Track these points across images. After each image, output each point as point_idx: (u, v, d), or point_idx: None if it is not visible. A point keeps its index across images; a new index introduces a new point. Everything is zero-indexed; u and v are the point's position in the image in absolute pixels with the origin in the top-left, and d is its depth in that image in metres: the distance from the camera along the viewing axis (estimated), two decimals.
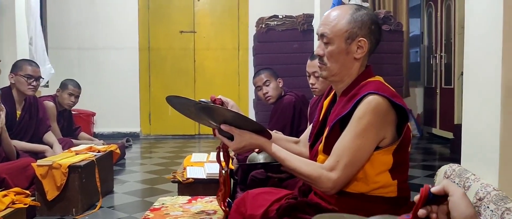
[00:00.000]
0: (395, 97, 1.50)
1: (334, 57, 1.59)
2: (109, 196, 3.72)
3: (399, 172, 1.57)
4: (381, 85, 1.55)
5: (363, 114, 1.48)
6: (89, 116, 6.74)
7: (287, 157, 1.61)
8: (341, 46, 1.58)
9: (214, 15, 7.29)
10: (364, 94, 1.50)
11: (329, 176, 1.51)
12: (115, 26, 7.11)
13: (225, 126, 1.59)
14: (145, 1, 7.19)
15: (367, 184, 1.54)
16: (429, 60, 7.15)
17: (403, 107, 1.50)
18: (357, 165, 1.51)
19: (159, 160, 5.37)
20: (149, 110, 7.30)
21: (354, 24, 1.57)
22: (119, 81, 7.13)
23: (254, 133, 1.62)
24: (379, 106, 1.48)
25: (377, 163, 1.53)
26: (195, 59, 7.30)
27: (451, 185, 0.93)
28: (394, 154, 1.54)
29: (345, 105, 1.56)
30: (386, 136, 1.52)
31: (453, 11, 6.26)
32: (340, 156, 1.50)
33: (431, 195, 0.93)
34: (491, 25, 1.60)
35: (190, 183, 2.74)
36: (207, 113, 1.60)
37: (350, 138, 1.50)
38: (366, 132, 1.48)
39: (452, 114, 6.28)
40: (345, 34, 1.57)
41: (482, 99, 1.69)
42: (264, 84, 3.35)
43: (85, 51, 7.13)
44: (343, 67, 1.61)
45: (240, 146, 1.61)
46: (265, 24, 6.09)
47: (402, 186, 1.58)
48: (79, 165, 3.18)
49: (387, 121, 1.50)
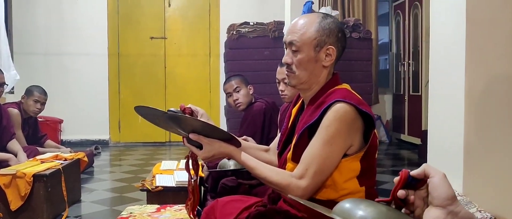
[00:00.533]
0: (361, 105, 1.52)
1: (303, 65, 1.60)
2: (76, 205, 3.64)
3: (366, 178, 1.59)
4: (348, 92, 1.57)
5: (330, 122, 1.49)
6: (56, 123, 6.59)
7: (256, 165, 1.61)
8: (310, 54, 1.59)
9: (185, 21, 7.25)
10: (332, 102, 1.51)
11: (299, 184, 1.51)
12: (83, 31, 6.98)
13: (194, 135, 1.58)
14: (115, 6, 7.10)
15: (336, 191, 1.55)
16: (397, 68, 7.29)
17: (369, 115, 1.52)
18: (326, 173, 1.52)
19: (128, 168, 5.28)
20: (118, 117, 7.19)
21: (322, 32, 1.59)
22: (87, 88, 7.00)
23: (223, 142, 1.61)
24: (346, 114, 1.49)
25: (345, 170, 1.54)
26: (166, 65, 7.23)
27: (430, 167, 0.92)
28: (361, 161, 1.55)
29: (313, 113, 1.57)
30: (353, 143, 1.53)
31: (420, 19, 6.40)
32: (309, 164, 1.51)
33: (410, 178, 0.92)
34: (455, 35, 1.64)
35: (159, 191, 2.70)
36: (175, 123, 1.59)
37: (318, 146, 1.50)
38: (334, 140, 1.49)
39: (419, 121, 6.40)
40: (314, 42, 1.58)
41: (446, 107, 1.73)
42: (234, 90, 3.34)
43: (52, 56, 6.97)
44: (312, 75, 1.61)
45: (209, 155, 1.60)
46: (236, 31, 6.08)
47: (370, 192, 1.60)
48: (44, 174, 3.10)
49: (354, 128, 1.52)
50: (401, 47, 7.10)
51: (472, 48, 1.57)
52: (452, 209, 0.87)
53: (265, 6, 7.01)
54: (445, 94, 1.74)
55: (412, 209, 0.93)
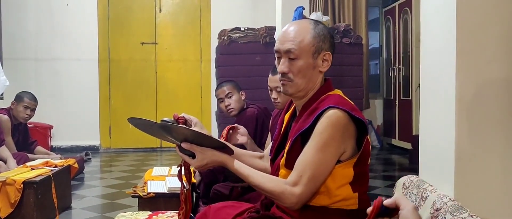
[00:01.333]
0: (354, 111, 1.52)
1: (302, 73, 1.60)
2: (66, 212, 3.61)
3: (359, 184, 1.59)
4: (340, 98, 1.57)
5: (324, 129, 1.50)
6: (46, 129, 6.53)
7: (250, 173, 1.60)
8: (309, 61, 1.59)
9: (176, 27, 7.24)
10: (324, 108, 1.52)
11: (293, 191, 1.51)
12: (74, 36, 6.95)
13: (186, 144, 1.57)
14: (105, 11, 7.07)
15: (329, 197, 1.55)
16: (388, 73, 7.33)
17: (362, 121, 1.52)
18: (320, 179, 1.52)
19: (119, 174, 5.25)
20: (109, 122, 7.14)
21: (318, 38, 1.60)
22: (78, 93, 6.95)
23: (216, 150, 1.61)
24: (339, 120, 1.50)
25: (338, 176, 1.55)
26: (157, 71, 7.21)
27: (403, 199, 0.96)
28: (354, 167, 1.56)
29: (306, 119, 1.57)
30: (346, 149, 1.54)
31: (410, 24, 6.45)
32: (303, 171, 1.51)
33: (383, 208, 0.96)
34: (446, 40, 1.66)
35: (151, 197, 2.68)
36: (167, 132, 1.59)
37: (312, 152, 1.50)
38: (327, 146, 1.49)
39: (410, 125, 6.44)
40: (312, 49, 1.59)
41: (437, 111, 1.73)
42: (226, 96, 3.33)
43: (42, 62, 6.92)
44: (309, 81, 1.62)
45: (202, 163, 1.59)
46: (228, 36, 6.09)
47: (363, 198, 1.61)
48: (34, 180, 3.08)
49: (347, 134, 1.52)
50: (391, 52, 7.15)
51: (462, 52, 1.58)
52: None
53: (256, 12, 7.02)
54: (436, 98, 1.75)
55: None
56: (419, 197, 1.75)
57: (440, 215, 1.55)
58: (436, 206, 1.59)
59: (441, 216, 1.54)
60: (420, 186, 1.78)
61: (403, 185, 1.91)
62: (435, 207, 1.60)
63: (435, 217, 1.58)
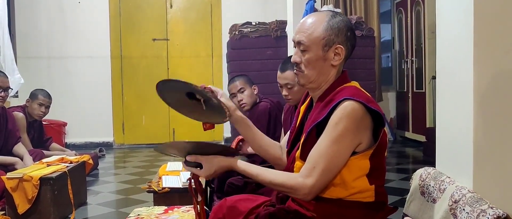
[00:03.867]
0: (370, 103, 1.51)
1: (312, 64, 1.59)
2: (82, 208, 3.64)
3: (376, 177, 1.58)
4: (356, 90, 1.56)
5: (339, 120, 1.49)
6: (60, 126, 6.59)
7: (259, 172, 1.60)
8: (318, 53, 1.58)
9: (187, 23, 7.25)
10: (340, 99, 1.51)
11: (305, 183, 1.51)
12: (86, 34, 7.00)
13: (190, 156, 1.57)
14: (117, 9, 7.10)
15: (345, 189, 1.54)
16: (400, 65, 7.27)
17: (378, 112, 1.51)
18: (333, 171, 1.51)
19: (133, 169, 5.28)
20: (122, 119, 7.19)
21: (331, 31, 1.58)
22: (91, 90, 7.01)
23: (220, 155, 1.61)
24: (354, 112, 1.49)
25: (354, 168, 1.54)
26: (169, 67, 7.23)
27: None
28: (371, 159, 1.55)
29: (321, 111, 1.56)
30: (362, 141, 1.52)
31: (422, 16, 6.39)
32: (316, 162, 1.50)
33: None
34: (462, 30, 1.63)
35: (166, 192, 2.69)
36: (169, 149, 1.61)
37: (326, 144, 1.50)
38: (342, 138, 1.48)
39: (424, 118, 6.39)
40: (322, 42, 1.57)
41: (455, 102, 1.71)
42: (239, 91, 3.33)
43: (55, 60, 6.99)
44: (320, 74, 1.61)
45: (211, 172, 1.59)
46: (239, 31, 6.09)
47: (379, 191, 1.59)
48: (50, 177, 3.11)
49: (363, 126, 1.51)
50: (404, 44, 7.09)
51: (480, 42, 1.55)
52: None
53: (267, 6, 7.00)
54: (453, 89, 1.72)
55: None
56: (437, 189, 1.73)
57: (459, 207, 1.54)
58: (454, 198, 1.58)
59: (460, 208, 1.53)
60: (438, 178, 1.77)
61: (420, 177, 1.90)
62: (453, 199, 1.58)
63: (454, 209, 1.56)
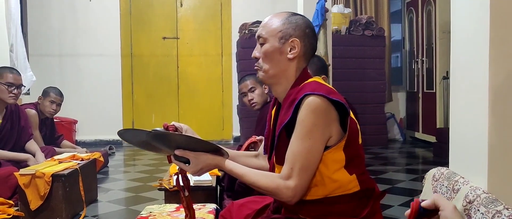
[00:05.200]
0: (331, 94, 1.51)
1: (268, 57, 1.62)
2: (93, 205, 3.66)
3: (354, 166, 1.57)
4: (316, 84, 1.55)
5: (305, 116, 1.49)
6: (71, 124, 6.64)
7: (244, 172, 1.59)
8: (274, 44, 1.61)
9: (197, 21, 7.27)
10: (302, 96, 1.51)
11: (287, 185, 1.50)
12: (96, 32, 7.04)
13: (179, 151, 1.56)
14: (127, 7, 7.13)
15: (327, 186, 1.54)
16: (410, 65, 7.23)
17: (341, 103, 1.51)
18: (312, 168, 1.51)
19: (143, 167, 5.31)
20: (132, 117, 7.23)
21: (288, 25, 1.62)
22: (101, 88, 7.05)
23: (210, 153, 1.60)
24: (318, 106, 1.49)
25: (330, 162, 1.53)
26: (178, 65, 7.26)
27: (441, 199, 0.94)
28: (344, 149, 1.54)
29: (287, 111, 1.56)
30: (332, 134, 1.52)
31: (433, 16, 6.35)
32: (293, 162, 1.50)
33: (421, 209, 0.95)
34: (478, 28, 1.62)
35: (177, 190, 2.69)
36: (160, 141, 1.58)
37: (298, 142, 1.50)
38: (312, 133, 1.48)
39: (434, 118, 6.35)
40: (279, 34, 1.61)
41: (469, 102, 1.70)
42: (249, 90, 3.32)
43: (66, 58, 7.04)
44: (277, 67, 1.62)
45: (197, 168, 1.58)
46: (248, 30, 6.09)
47: (362, 178, 1.58)
48: (62, 173, 3.13)
49: (330, 119, 1.51)
50: (414, 44, 7.05)
51: (496, 41, 1.54)
52: None
53: (276, 5, 7.00)
54: (467, 88, 1.71)
55: None
56: (451, 189, 1.72)
57: (473, 208, 1.52)
58: (469, 199, 1.57)
59: (475, 208, 1.52)
60: (451, 178, 1.75)
61: (433, 177, 1.88)
62: (468, 199, 1.57)
63: (468, 209, 1.55)
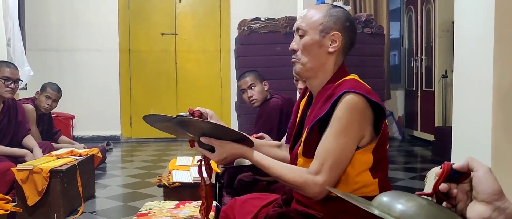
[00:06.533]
0: (371, 94, 1.49)
1: (307, 49, 1.60)
2: (91, 200, 3.64)
3: (379, 170, 1.56)
4: (356, 83, 1.54)
5: (342, 114, 1.47)
6: (68, 119, 6.62)
7: (271, 164, 1.57)
8: (314, 37, 1.59)
9: (196, 17, 7.24)
10: (341, 93, 1.49)
11: (315, 180, 1.48)
12: (95, 27, 7.00)
13: (205, 138, 1.54)
14: (126, 2, 7.10)
15: (349, 185, 1.52)
16: (409, 63, 7.23)
17: (379, 104, 1.50)
18: (342, 166, 1.49)
19: (141, 163, 5.29)
20: (130, 112, 7.20)
21: (329, 18, 1.59)
22: (99, 84, 7.02)
23: (235, 143, 1.59)
24: (357, 104, 1.47)
25: (358, 163, 1.52)
26: (177, 61, 7.23)
27: (475, 160, 0.87)
28: (373, 152, 1.53)
29: (323, 106, 1.54)
30: (365, 134, 1.51)
31: (433, 14, 6.34)
32: (324, 158, 1.48)
33: (452, 171, 0.88)
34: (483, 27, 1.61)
35: (177, 187, 2.69)
36: (184, 127, 1.56)
37: (332, 139, 1.48)
38: (347, 131, 1.47)
39: (433, 117, 6.35)
40: (319, 27, 1.59)
41: (473, 101, 1.69)
42: (249, 87, 3.31)
43: (64, 52, 6.99)
44: (316, 60, 1.60)
45: (222, 157, 1.57)
46: (248, 27, 6.07)
47: (383, 184, 1.57)
48: (60, 169, 3.11)
49: (365, 119, 1.50)
50: (413, 42, 7.04)
51: (501, 40, 1.53)
52: (499, 205, 0.83)
53: (276, 2, 6.97)
54: (471, 88, 1.70)
55: (455, 203, 0.88)
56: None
57: None
58: None
59: None
60: None
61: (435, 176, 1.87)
62: None
63: None
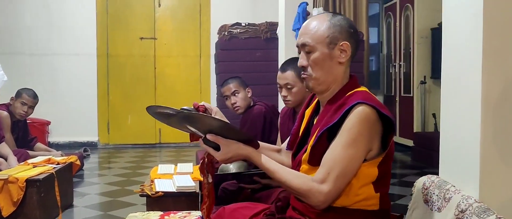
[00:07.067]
0: (382, 108, 1.49)
1: (319, 65, 1.57)
2: (69, 210, 3.55)
3: (382, 184, 1.55)
4: (368, 95, 1.53)
5: (353, 124, 1.45)
6: (43, 125, 6.46)
7: (276, 168, 1.55)
8: (324, 51, 1.56)
9: (175, 22, 7.17)
10: (353, 103, 1.47)
11: (320, 189, 1.46)
12: (71, 31, 6.86)
13: (211, 135, 1.51)
14: (104, 6, 6.98)
15: (351, 197, 1.51)
16: (388, 69, 7.30)
17: (390, 118, 1.48)
18: (348, 177, 1.48)
19: (119, 170, 5.19)
20: (107, 118, 7.07)
21: (334, 28, 1.57)
22: (76, 89, 6.87)
23: (242, 143, 1.55)
24: (368, 116, 1.46)
25: (362, 175, 1.51)
26: (156, 66, 7.14)
27: None
28: (379, 166, 1.52)
29: (333, 114, 1.52)
30: (372, 148, 1.50)
31: (411, 21, 6.42)
32: (331, 167, 1.46)
33: None
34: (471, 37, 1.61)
35: (160, 196, 2.62)
36: (191, 122, 1.52)
37: (340, 149, 1.46)
38: (356, 142, 1.45)
39: (411, 122, 6.41)
40: (326, 40, 1.56)
41: (461, 110, 1.69)
42: (232, 94, 3.27)
43: (39, 57, 6.83)
44: (328, 73, 1.58)
45: (227, 156, 1.53)
46: (228, 32, 6.04)
47: (384, 199, 1.57)
48: (37, 178, 3.02)
49: (375, 132, 1.49)
50: (392, 48, 7.12)
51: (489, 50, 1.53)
52: None
53: (257, 7, 6.96)
54: (459, 96, 1.70)
55: None
56: (442, 198, 1.70)
57: (465, 217, 1.51)
58: (461, 208, 1.55)
59: (467, 217, 1.50)
60: (442, 187, 1.74)
61: (423, 185, 1.87)
62: (460, 208, 1.56)
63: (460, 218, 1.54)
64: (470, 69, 1.61)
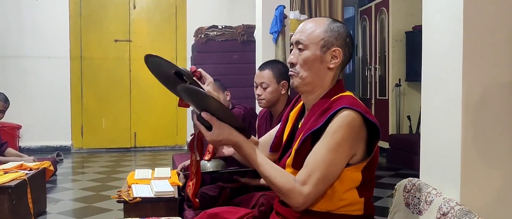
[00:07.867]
0: (368, 114, 1.48)
1: (308, 65, 1.56)
2: (41, 217, 3.45)
3: (366, 189, 1.56)
4: (354, 100, 1.53)
5: (337, 129, 1.45)
6: (14, 129, 6.27)
7: (263, 162, 1.52)
8: (316, 53, 1.56)
9: (151, 24, 7.08)
10: (339, 108, 1.47)
11: (301, 190, 1.45)
12: (43, 33, 6.70)
13: (206, 114, 1.48)
14: (77, 8, 6.84)
15: (335, 201, 1.51)
16: (363, 72, 7.37)
17: (375, 124, 1.48)
18: (329, 180, 1.47)
19: (93, 175, 5.08)
20: (81, 122, 6.93)
21: (330, 33, 1.57)
22: (48, 92, 6.71)
23: (235, 130, 1.53)
24: (353, 122, 1.46)
25: (346, 180, 1.50)
26: (131, 69, 7.04)
27: None
28: (363, 171, 1.52)
29: (318, 118, 1.51)
30: (357, 152, 1.50)
31: (386, 24, 6.49)
32: (313, 170, 1.45)
33: None
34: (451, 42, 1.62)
35: (137, 202, 2.56)
36: (189, 95, 1.49)
37: (323, 152, 1.45)
38: (339, 147, 1.45)
39: (387, 125, 6.48)
40: (321, 42, 1.56)
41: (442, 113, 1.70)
42: None
43: (9, 59, 6.64)
44: (316, 76, 1.57)
45: (217, 139, 1.50)
46: (205, 34, 6.00)
47: (368, 204, 1.58)
48: (9, 185, 2.92)
49: (359, 137, 1.49)
50: (367, 51, 7.19)
51: (469, 55, 1.55)
52: None
53: (233, 10, 6.94)
54: (440, 100, 1.71)
55: None
56: (423, 200, 1.71)
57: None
58: (442, 211, 1.56)
59: None
60: (423, 190, 1.75)
61: (405, 188, 1.87)
62: (441, 211, 1.56)
63: None
64: (451, 72, 1.63)
